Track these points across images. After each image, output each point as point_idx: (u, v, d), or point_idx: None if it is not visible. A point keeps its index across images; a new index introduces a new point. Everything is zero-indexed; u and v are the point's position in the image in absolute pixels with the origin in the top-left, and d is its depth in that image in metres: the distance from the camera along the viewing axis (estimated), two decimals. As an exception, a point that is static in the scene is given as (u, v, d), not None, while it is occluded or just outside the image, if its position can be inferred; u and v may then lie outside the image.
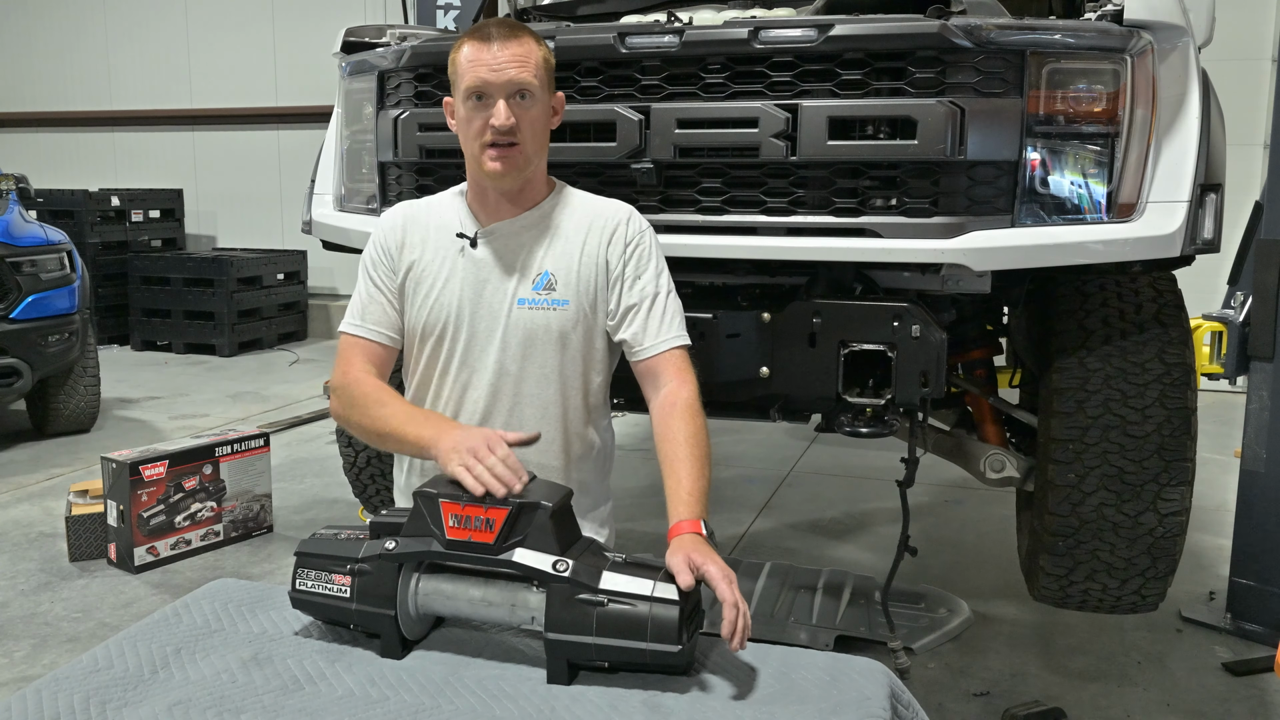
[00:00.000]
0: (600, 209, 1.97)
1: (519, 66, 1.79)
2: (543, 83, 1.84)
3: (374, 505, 3.22)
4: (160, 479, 3.64)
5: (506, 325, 1.91)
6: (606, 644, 1.47)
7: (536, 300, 1.91)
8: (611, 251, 1.93)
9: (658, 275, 1.94)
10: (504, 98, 1.80)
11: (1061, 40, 2.19)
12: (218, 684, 1.50)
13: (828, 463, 4.93)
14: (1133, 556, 2.49)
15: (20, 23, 9.39)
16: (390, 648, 1.57)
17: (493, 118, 1.80)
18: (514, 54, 1.79)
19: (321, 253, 3.10)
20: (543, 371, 1.93)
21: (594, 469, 2.05)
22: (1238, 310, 3.12)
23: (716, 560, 1.53)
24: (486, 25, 1.81)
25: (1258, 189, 4.45)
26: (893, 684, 1.54)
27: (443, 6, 7.31)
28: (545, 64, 1.85)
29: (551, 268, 1.91)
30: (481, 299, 1.92)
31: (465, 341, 1.93)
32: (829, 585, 3.30)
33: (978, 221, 2.22)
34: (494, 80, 1.79)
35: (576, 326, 1.92)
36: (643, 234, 1.96)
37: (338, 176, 2.91)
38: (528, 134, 1.83)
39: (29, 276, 4.92)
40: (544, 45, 1.86)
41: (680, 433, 1.78)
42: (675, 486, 1.72)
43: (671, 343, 1.90)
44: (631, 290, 1.92)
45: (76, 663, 1.56)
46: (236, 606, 1.75)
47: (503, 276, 1.92)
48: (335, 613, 1.61)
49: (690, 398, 1.84)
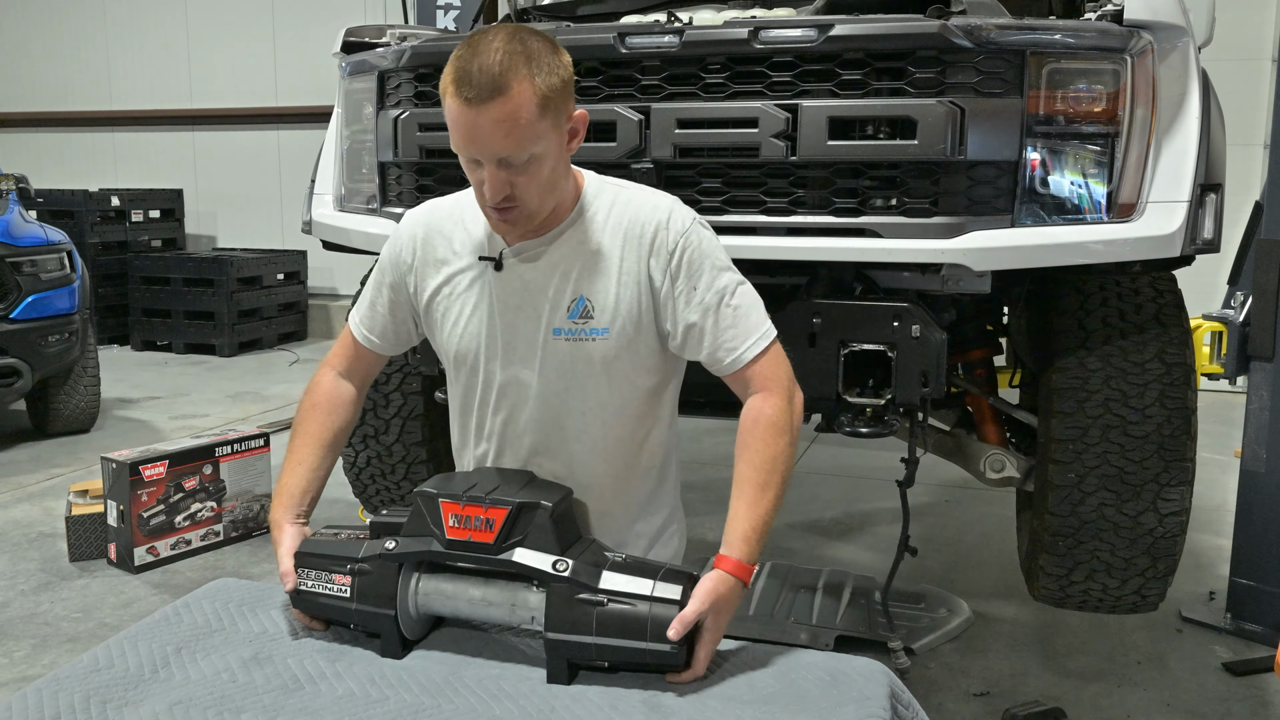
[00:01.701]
0: (635, 213, 1.72)
1: (504, 134, 1.52)
2: (540, 132, 1.55)
3: (374, 505, 3.22)
4: (160, 479, 3.64)
5: (543, 358, 1.73)
6: (606, 644, 1.47)
7: (573, 330, 1.70)
8: (654, 266, 1.68)
9: (714, 279, 1.69)
10: (494, 164, 1.56)
11: (1061, 40, 2.19)
12: (218, 683, 1.50)
13: (828, 463, 4.93)
14: (1133, 556, 2.49)
15: (20, 23, 9.39)
16: (390, 647, 1.57)
17: (485, 186, 1.59)
18: (496, 118, 1.51)
19: (321, 253, 3.10)
20: (587, 405, 1.75)
21: (654, 486, 1.89)
22: (1238, 310, 3.12)
23: (718, 629, 1.52)
24: (469, 67, 1.51)
25: (1258, 189, 4.45)
26: (893, 684, 1.54)
27: (443, 6, 7.31)
28: (544, 104, 1.54)
29: (587, 292, 1.70)
30: (514, 328, 1.74)
31: (502, 375, 1.77)
32: (829, 585, 3.30)
33: (978, 221, 2.22)
34: (478, 151, 1.56)
35: (620, 354, 1.72)
36: (686, 235, 1.69)
37: (338, 176, 2.91)
38: (528, 192, 1.60)
39: (29, 276, 4.93)
40: (543, 74, 1.54)
41: (758, 455, 1.64)
42: (734, 518, 1.61)
43: (750, 351, 1.68)
44: (689, 308, 1.68)
45: (77, 662, 1.56)
46: (237, 606, 1.75)
47: (534, 303, 1.72)
48: (335, 613, 1.61)
49: (774, 414, 1.66)
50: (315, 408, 1.86)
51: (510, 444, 1.81)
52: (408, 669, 1.55)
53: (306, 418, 1.85)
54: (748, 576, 1.58)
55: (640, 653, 1.47)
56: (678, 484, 1.96)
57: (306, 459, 1.81)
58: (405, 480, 3.05)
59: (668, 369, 1.80)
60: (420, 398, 2.98)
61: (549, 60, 1.55)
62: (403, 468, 3.02)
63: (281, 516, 1.75)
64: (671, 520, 1.94)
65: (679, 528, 1.96)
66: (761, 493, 1.63)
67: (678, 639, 1.46)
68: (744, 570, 1.57)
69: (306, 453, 1.81)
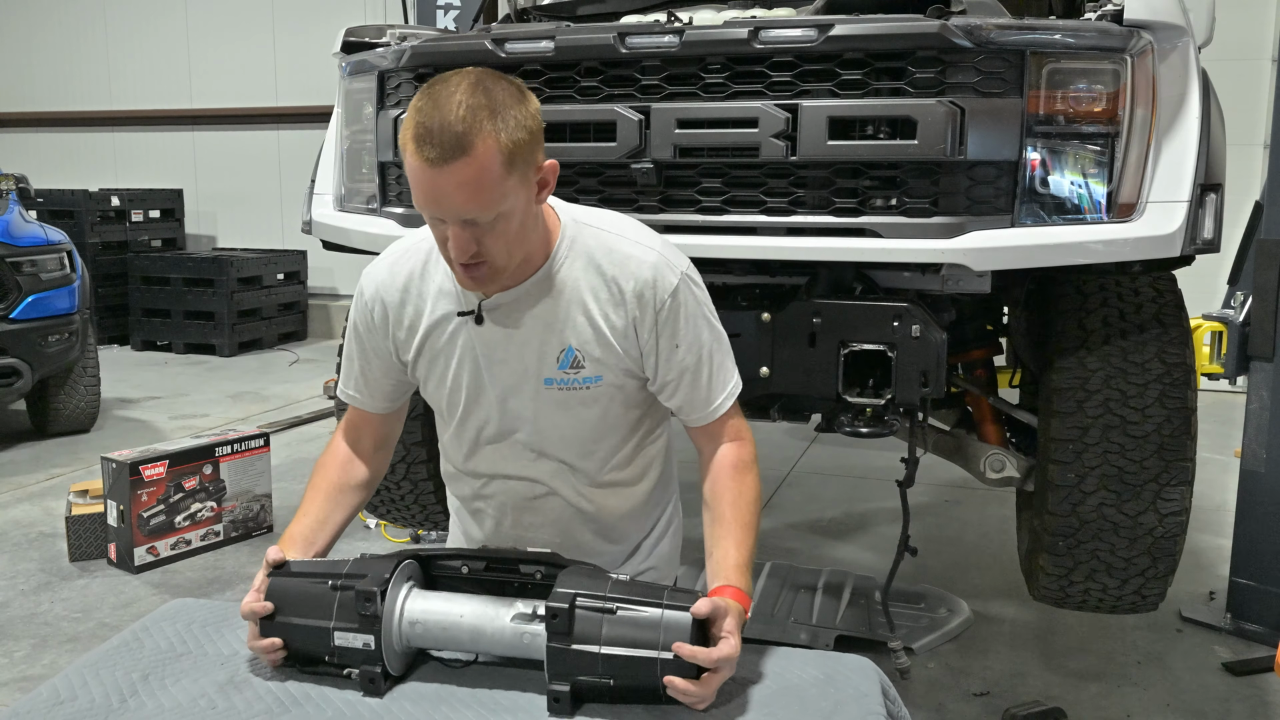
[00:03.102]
0: (620, 268, 1.64)
1: (468, 196, 1.43)
2: (506, 190, 1.46)
3: (374, 505, 3.22)
4: (160, 479, 3.64)
5: (537, 407, 1.70)
6: (614, 654, 1.41)
7: (566, 380, 1.67)
8: (641, 324, 1.64)
9: (696, 339, 1.66)
10: (458, 224, 1.48)
11: (1061, 40, 2.19)
12: (195, 710, 1.43)
13: (828, 463, 4.93)
14: (1133, 556, 2.49)
15: (21, 23, 9.39)
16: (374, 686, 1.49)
17: (450, 245, 1.51)
18: (460, 180, 1.42)
19: (321, 253, 3.09)
20: (586, 449, 1.74)
21: (651, 488, 1.88)
22: (1238, 310, 3.12)
23: (734, 646, 1.45)
24: (429, 132, 1.41)
25: (1258, 189, 4.45)
26: (882, 680, 1.55)
27: (443, 6, 7.31)
28: (509, 161, 1.44)
29: (575, 342, 1.65)
30: (502, 380, 1.70)
31: (497, 421, 1.74)
32: (829, 585, 3.30)
33: (978, 221, 2.22)
34: (441, 212, 1.47)
35: (615, 396, 1.71)
36: (674, 295, 1.63)
37: (338, 176, 2.91)
38: (495, 250, 1.52)
39: (29, 276, 4.93)
40: (507, 131, 1.43)
41: (740, 497, 1.66)
42: (724, 555, 1.61)
43: (721, 409, 1.70)
44: (668, 366, 1.67)
45: (35, 695, 1.48)
46: (201, 627, 1.67)
47: (521, 355, 1.67)
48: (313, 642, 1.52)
49: (746, 457, 1.70)
50: (325, 466, 1.82)
51: (512, 482, 1.79)
52: (398, 689, 1.50)
53: (315, 475, 1.81)
54: (748, 604, 1.56)
55: (650, 664, 1.40)
56: (676, 481, 1.98)
57: (311, 511, 1.76)
58: (405, 480, 3.04)
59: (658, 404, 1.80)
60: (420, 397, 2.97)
61: (515, 112, 1.46)
62: (403, 468, 3.01)
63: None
64: (672, 518, 1.96)
65: (677, 525, 1.98)
66: (746, 532, 1.64)
67: (703, 615, 1.41)
68: (744, 598, 1.55)
69: (312, 506, 1.76)
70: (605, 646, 1.41)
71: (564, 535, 1.81)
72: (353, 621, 1.47)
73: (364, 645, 1.47)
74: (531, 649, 1.47)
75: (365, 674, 1.48)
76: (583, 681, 1.42)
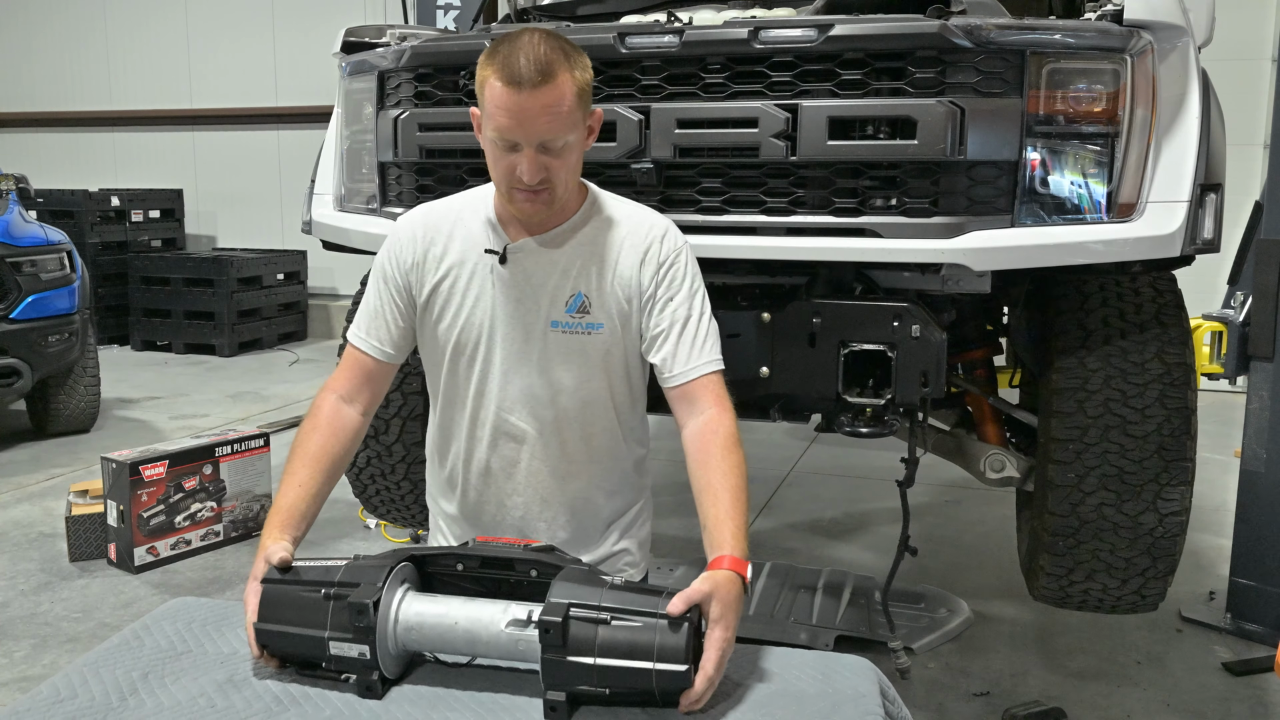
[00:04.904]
0: (635, 224, 1.83)
1: (550, 118, 1.62)
2: (576, 120, 1.67)
3: (374, 505, 3.22)
4: (160, 479, 3.64)
5: (543, 349, 1.81)
6: (610, 665, 1.39)
7: (570, 324, 1.80)
8: (644, 272, 1.80)
9: (691, 297, 1.80)
10: (533, 148, 1.65)
11: (1061, 40, 2.19)
12: (195, 709, 1.43)
13: (828, 463, 4.93)
14: (1133, 556, 2.49)
15: (21, 23, 9.39)
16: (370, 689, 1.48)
17: (521, 170, 1.66)
18: (545, 104, 1.61)
19: (321, 253, 3.09)
20: (581, 395, 1.83)
21: (630, 469, 1.96)
22: (1238, 310, 3.12)
23: (729, 626, 1.45)
24: (516, 57, 1.60)
25: (1258, 189, 4.45)
26: (880, 680, 1.54)
27: (443, 6, 7.32)
28: (580, 96, 1.66)
29: (585, 288, 1.80)
30: (514, 320, 1.81)
31: (500, 363, 1.83)
32: (829, 585, 3.30)
33: (978, 221, 2.22)
34: (523, 134, 1.63)
35: (613, 348, 1.82)
36: (677, 253, 1.82)
37: (338, 176, 2.91)
38: (559, 177, 1.70)
39: (29, 276, 4.93)
40: (579, 69, 1.66)
41: (722, 464, 1.68)
42: (718, 522, 1.61)
43: (705, 368, 1.77)
44: (662, 314, 1.79)
45: (36, 694, 1.47)
46: (200, 626, 1.66)
47: (535, 296, 1.80)
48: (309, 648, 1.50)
49: (731, 429, 1.74)
50: (315, 430, 1.80)
51: (502, 434, 1.86)
52: (396, 690, 1.49)
53: (305, 439, 1.79)
54: (746, 572, 1.53)
55: (646, 674, 1.38)
56: (650, 478, 2.06)
57: (305, 480, 1.75)
58: (405, 480, 3.05)
59: (645, 379, 1.90)
60: (420, 398, 2.97)
61: (581, 60, 1.68)
62: (403, 468, 3.02)
63: (271, 539, 1.64)
64: (645, 508, 2.03)
65: (649, 514, 2.05)
66: (736, 498, 1.64)
67: (678, 614, 1.39)
68: (741, 565, 1.53)
69: (305, 474, 1.75)
70: (600, 658, 1.39)
71: (541, 505, 1.88)
72: (347, 631, 1.46)
73: (359, 655, 1.46)
74: (527, 655, 1.46)
75: (362, 680, 1.48)
76: (578, 690, 1.41)
